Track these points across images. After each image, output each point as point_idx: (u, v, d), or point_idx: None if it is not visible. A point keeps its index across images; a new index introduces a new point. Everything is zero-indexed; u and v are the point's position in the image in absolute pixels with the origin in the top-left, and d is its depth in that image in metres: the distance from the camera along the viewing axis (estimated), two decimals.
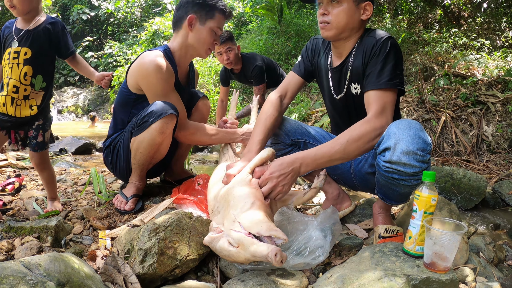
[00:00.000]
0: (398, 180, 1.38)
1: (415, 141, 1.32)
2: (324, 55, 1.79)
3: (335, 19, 1.55)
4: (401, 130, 1.35)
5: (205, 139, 2.02)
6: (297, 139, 1.88)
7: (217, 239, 1.25)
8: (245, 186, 1.39)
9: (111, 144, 2.02)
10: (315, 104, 5.58)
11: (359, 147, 1.43)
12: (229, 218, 1.29)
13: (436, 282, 1.16)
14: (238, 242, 1.18)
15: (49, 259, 1.06)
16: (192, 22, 1.88)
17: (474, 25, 7.47)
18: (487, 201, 2.70)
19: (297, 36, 7.39)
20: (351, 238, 1.62)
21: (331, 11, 1.55)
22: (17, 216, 1.87)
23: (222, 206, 1.41)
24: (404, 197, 1.52)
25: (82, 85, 14.78)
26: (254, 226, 1.21)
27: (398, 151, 1.32)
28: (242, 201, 1.32)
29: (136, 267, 1.22)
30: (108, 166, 2.11)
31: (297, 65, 1.86)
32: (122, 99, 1.98)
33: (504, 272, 1.67)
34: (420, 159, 1.32)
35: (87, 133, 6.92)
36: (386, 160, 1.36)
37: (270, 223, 1.24)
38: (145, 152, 1.83)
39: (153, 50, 1.87)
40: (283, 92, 1.83)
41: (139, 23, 13.71)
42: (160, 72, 1.80)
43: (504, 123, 4.26)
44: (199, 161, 4.16)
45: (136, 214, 1.86)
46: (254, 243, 1.15)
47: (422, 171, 1.32)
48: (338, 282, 1.19)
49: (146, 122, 1.75)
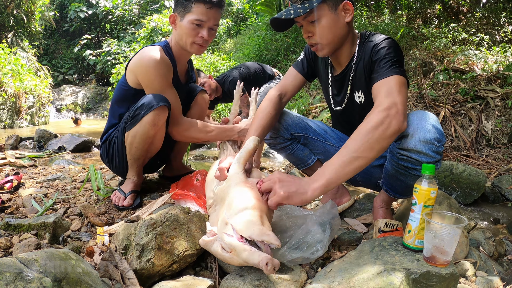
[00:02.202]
0: (409, 169, 1.39)
1: (433, 131, 1.33)
2: (323, 63, 1.75)
3: (321, 38, 1.51)
4: (419, 120, 1.35)
5: (200, 136, 1.97)
6: (297, 133, 1.84)
7: (211, 242, 1.22)
8: (240, 184, 1.34)
9: (107, 140, 2.01)
10: (314, 100, 5.56)
11: (374, 144, 1.23)
12: (222, 219, 1.25)
13: (436, 276, 1.15)
14: (231, 247, 1.16)
15: (45, 255, 1.05)
16: (174, 21, 1.87)
17: (473, 20, 7.45)
18: (487, 196, 2.69)
19: (296, 31, 7.37)
20: (350, 233, 1.61)
21: (314, 31, 1.50)
22: (15, 214, 1.86)
23: (218, 204, 1.38)
24: (410, 190, 1.49)
25: (80, 83, 14.75)
26: (246, 230, 1.16)
27: (415, 139, 1.32)
28: (236, 201, 1.27)
29: (134, 262, 1.22)
30: (105, 162, 2.10)
31: (300, 63, 1.80)
32: (120, 94, 1.97)
33: (504, 266, 1.67)
34: (435, 149, 1.33)
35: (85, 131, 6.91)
36: (401, 147, 1.36)
37: (262, 226, 1.17)
38: (139, 146, 1.82)
39: (153, 46, 1.86)
40: (283, 90, 1.77)
41: (137, 20, 13.68)
42: (159, 67, 1.79)
43: (503, 118, 4.25)
44: (198, 157, 4.15)
45: (134, 210, 1.85)
46: (246, 250, 1.12)
47: (435, 162, 1.34)
48: (337, 276, 1.18)
49: (138, 115, 1.74)
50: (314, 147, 1.87)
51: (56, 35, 15.74)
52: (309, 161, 1.89)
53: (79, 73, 15.39)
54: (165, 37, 10.57)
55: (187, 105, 2.16)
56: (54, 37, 15.72)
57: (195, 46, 1.86)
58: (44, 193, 2.14)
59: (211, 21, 1.82)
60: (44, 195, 2.10)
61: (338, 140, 1.87)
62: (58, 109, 12.45)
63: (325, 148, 1.86)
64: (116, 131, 1.94)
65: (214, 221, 1.32)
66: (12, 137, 4.63)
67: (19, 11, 11.79)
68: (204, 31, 1.81)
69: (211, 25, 1.83)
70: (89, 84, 13.93)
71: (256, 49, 7.66)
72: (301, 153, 1.87)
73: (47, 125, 9.31)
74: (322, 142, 1.86)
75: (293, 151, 1.86)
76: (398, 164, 1.42)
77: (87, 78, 15.06)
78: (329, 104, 1.82)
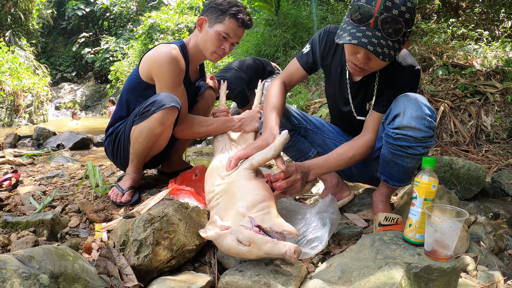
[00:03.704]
0: (405, 148, 1.43)
1: (422, 107, 1.38)
2: (337, 62, 1.69)
3: (372, 68, 1.44)
4: (409, 99, 1.41)
5: (202, 130, 1.98)
6: (297, 125, 1.83)
7: (224, 235, 1.20)
8: (251, 178, 1.35)
9: (113, 133, 2.02)
10: (313, 95, 5.55)
11: (359, 160, 1.59)
12: (236, 211, 1.24)
13: (438, 270, 1.14)
14: (250, 240, 1.14)
15: (42, 251, 1.04)
16: (201, 24, 1.91)
17: (472, 15, 7.43)
18: (487, 191, 2.69)
19: (294, 27, 7.35)
20: (350, 227, 1.60)
21: (372, 62, 1.39)
22: (13, 211, 1.85)
23: (223, 198, 1.35)
24: (408, 175, 1.56)
25: (79, 81, 14.73)
26: (267, 221, 1.18)
27: (407, 116, 1.38)
28: (251, 193, 1.28)
29: (131, 258, 1.20)
30: (109, 155, 2.10)
31: (305, 56, 1.72)
32: (131, 85, 1.99)
33: (505, 261, 1.67)
34: (428, 124, 1.38)
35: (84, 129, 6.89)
36: (395, 127, 1.42)
37: (281, 219, 1.21)
38: (144, 142, 1.82)
39: (170, 43, 1.89)
40: (287, 79, 1.76)
41: (135, 18, 13.64)
42: (173, 64, 1.82)
43: (503, 113, 4.24)
44: (197, 153, 4.14)
45: (132, 206, 1.84)
46: (268, 242, 1.13)
47: (429, 137, 1.40)
48: (337, 271, 1.17)
49: (148, 111, 1.75)
50: (313, 139, 1.87)
51: (54, 33, 15.70)
52: (310, 153, 1.88)
53: (78, 71, 15.37)
54: (163, 34, 10.54)
55: (193, 101, 2.18)
56: (52, 35, 15.68)
57: (214, 55, 1.92)
58: (43, 191, 2.13)
59: (236, 38, 1.91)
60: (43, 193, 2.09)
61: (336, 134, 1.89)
62: (57, 107, 12.43)
63: (324, 141, 1.87)
64: (124, 125, 1.95)
65: (222, 214, 1.30)
66: (10, 135, 4.61)
67: (16, 10, 11.76)
68: (227, 44, 1.89)
69: (235, 41, 1.91)
70: (88, 82, 13.92)
71: (254, 45, 7.63)
72: (302, 145, 1.86)
73: (45, 123, 9.30)
74: (321, 135, 1.87)
75: (294, 143, 1.85)
76: (395, 146, 1.45)
77: (86, 76, 15.04)
78: (338, 104, 1.78)
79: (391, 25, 1.29)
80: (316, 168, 1.49)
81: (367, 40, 1.29)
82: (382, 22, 1.28)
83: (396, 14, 1.28)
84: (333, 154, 1.54)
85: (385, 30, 1.29)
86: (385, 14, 1.28)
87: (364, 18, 1.30)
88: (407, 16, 1.30)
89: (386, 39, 1.30)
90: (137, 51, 11.21)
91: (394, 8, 1.28)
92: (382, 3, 1.28)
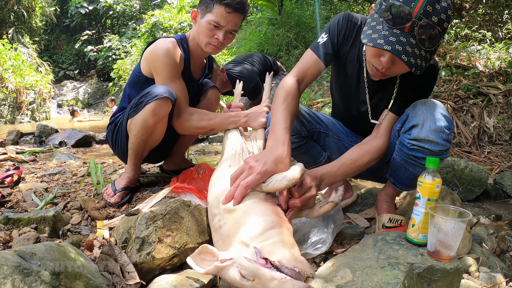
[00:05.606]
0: (419, 159, 1.37)
1: (442, 119, 1.32)
2: (358, 58, 1.52)
3: (394, 73, 1.34)
4: (428, 109, 1.34)
5: (202, 124, 1.89)
6: (312, 129, 1.69)
7: (226, 269, 1.02)
8: (260, 201, 1.19)
9: (114, 121, 2.02)
10: (316, 95, 5.54)
11: (373, 164, 1.50)
12: (239, 239, 1.09)
13: (441, 271, 1.13)
14: (254, 275, 0.98)
15: (44, 248, 1.03)
16: (194, 17, 1.89)
17: (476, 16, 7.42)
18: (489, 192, 2.68)
19: (297, 26, 7.35)
20: (353, 227, 1.60)
21: (396, 67, 1.29)
22: (15, 208, 1.85)
23: (227, 221, 1.19)
24: (416, 181, 1.50)
25: (81, 79, 14.75)
26: (275, 254, 1.02)
27: (426, 129, 1.31)
28: (258, 219, 1.11)
29: (133, 255, 1.20)
30: (110, 143, 2.11)
31: (322, 46, 1.51)
32: (133, 79, 2.00)
33: (507, 262, 1.66)
34: (446, 137, 1.32)
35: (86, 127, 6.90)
36: (412, 138, 1.35)
37: (294, 250, 1.06)
38: (139, 134, 1.80)
39: (168, 38, 1.88)
40: (300, 76, 1.52)
41: (138, 16, 13.64)
42: (168, 57, 1.80)
43: (505, 114, 4.23)
44: (199, 152, 4.14)
45: (119, 208, 1.84)
46: (275, 278, 0.95)
47: (445, 151, 1.33)
48: (340, 271, 1.16)
49: (141, 103, 1.74)
50: (324, 142, 1.75)
51: (57, 30, 15.73)
52: (320, 158, 1.77)
53: (80, 69, 15.40)
54: (166, 32, 10.55)
55: (196, 99, 2.15)
56: (55, 33, 15.71)
57: (209, 46, 1.86)
58: (45, 188, 2.13)
59: (230, 25, 1.80)
60: (45, 190, 2.09)
61: (346, 134, 1.80)
62: (59, 104, 12.45)
63: (334, 143, 1.77)
64: (123, 116, 1.95)
65: (225, 241, 1.16)
66: (13, 132, 4.62)
67: (19, 7, 11.78)
68: (220, 33, 1.81)
69: (229, 28, 1.81)
70: (90, 80, 13.93)
71: (257, 44, 7.63)
72: (314, 151, 1.74)
73: (48, 120, 9.32)
74: (332, 137, 1.76)
75: (307, 150, 1.71)
76: (408, 155, 1.39)
77: (88, 74, 15.06)
78: (350, 104, 1.67)
79: (429, 33, 1.16)
80: (329, 177, 1.36)
81: (402, 48, 1.16)
82: (420, 28, 1.15)
83: (436, 21, 1.15)
84: (347, 161, 1.42)
85: (421, 38, 1.17)
86: (424, 20, 1.15)
87: (399, 20, 1.16)
88: (445, 26, 1.18)
89: (420, 48, 1.18)
90: (140, 50, 11.22)
91: (434, 15, 1.15)
92: (422, 7, 1.14)
